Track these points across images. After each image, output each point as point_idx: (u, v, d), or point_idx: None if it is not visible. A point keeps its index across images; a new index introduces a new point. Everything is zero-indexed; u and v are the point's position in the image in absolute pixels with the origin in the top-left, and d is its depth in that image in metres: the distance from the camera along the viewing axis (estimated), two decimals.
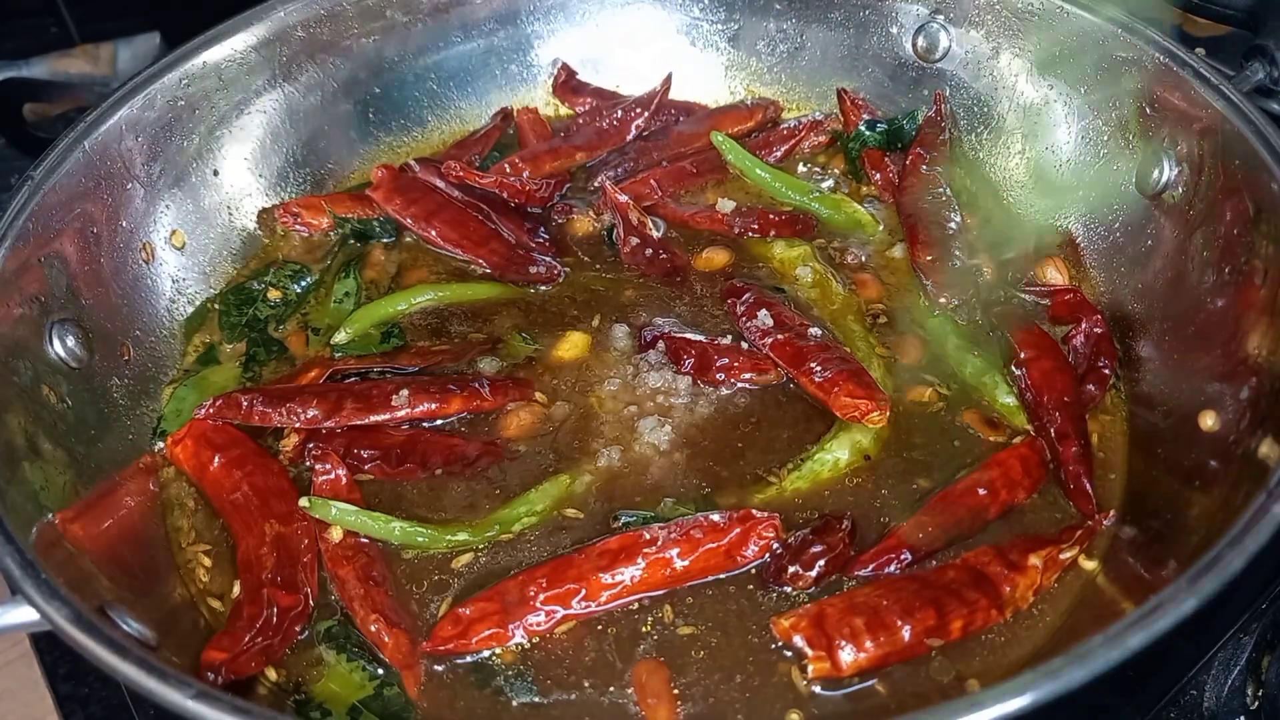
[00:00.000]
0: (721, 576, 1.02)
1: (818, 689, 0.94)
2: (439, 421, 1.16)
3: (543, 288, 1.30)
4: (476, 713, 0.95)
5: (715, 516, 1.01)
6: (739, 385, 1.17)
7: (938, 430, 1.14)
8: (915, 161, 1.38)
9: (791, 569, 1.00)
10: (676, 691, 0.95)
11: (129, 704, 1.08)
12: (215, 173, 1.35)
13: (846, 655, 0.93)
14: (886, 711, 0.93)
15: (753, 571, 1.02)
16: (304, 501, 1.05)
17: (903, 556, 1.01)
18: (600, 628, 0.99)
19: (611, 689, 0.95)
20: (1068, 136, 1.32)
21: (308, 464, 1.11)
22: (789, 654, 0.96)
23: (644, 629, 0.99)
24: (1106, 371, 1.17)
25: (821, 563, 1.00)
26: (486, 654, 0.98)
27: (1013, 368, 1.17)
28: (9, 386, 1.03)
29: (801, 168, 1.46)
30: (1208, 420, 1.03)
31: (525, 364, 1.22)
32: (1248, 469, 0.94)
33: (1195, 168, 1.15)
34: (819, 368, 1.13)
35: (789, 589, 1.00)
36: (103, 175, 1.20)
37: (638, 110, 1.49)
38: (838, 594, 0.99)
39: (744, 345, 1.20)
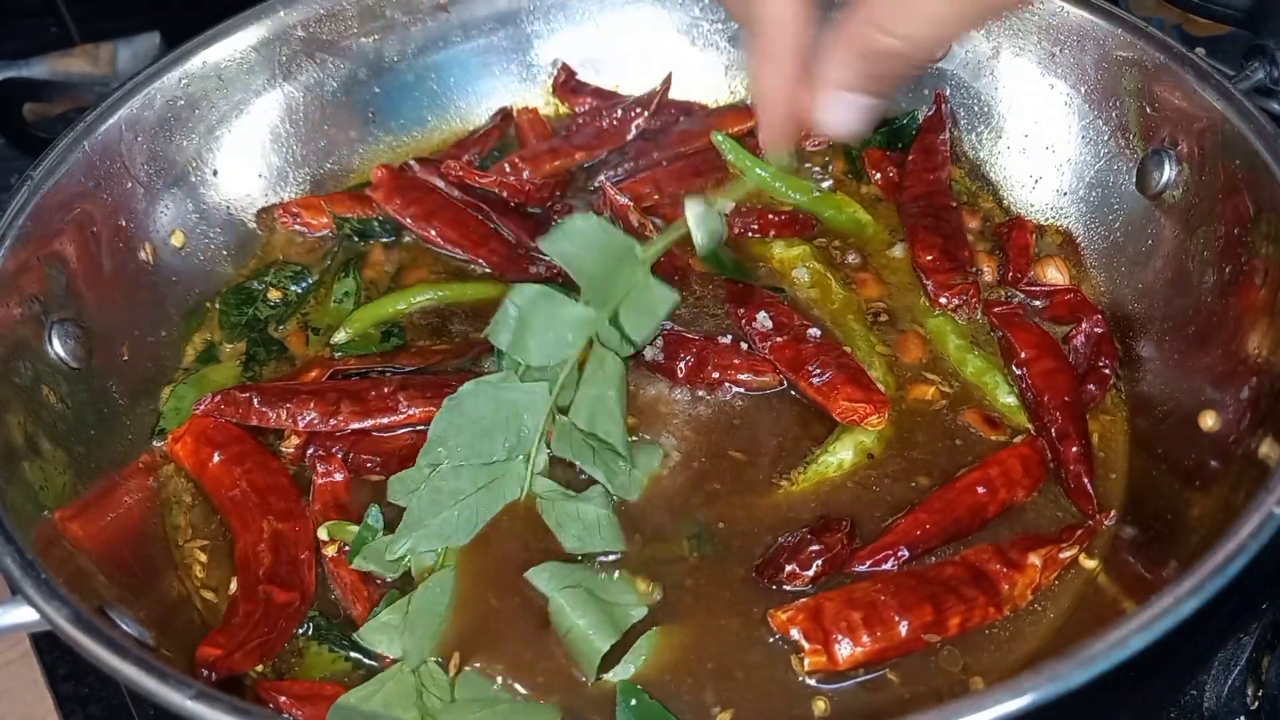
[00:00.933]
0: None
1: (812, 681, 0.95)
2: None
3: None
4: None
5: None
6: (738, 390, 1.17)
7: (939, 429, 1.14)
8: (915, 161, 1.38)
9: (789, 567, 1.00)
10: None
11: (129, 704, 1.08)
12: (215, 173, 1.35)
13: (843, 650, 0.94)
14: (900, 700, 0.94)
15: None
16: (323, 532, 1.05)
17: (900, 553, 1.02)
18: None
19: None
20: (1068, 136, 1.32)
21: (307, 466, 1.12)
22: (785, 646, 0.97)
23: None
24: (1107, 371, 1.17)
25: (819, 562, 1.00)
26: None
27: (1013, 367, 1.18)
28: (9, 386, 1.03)
29: (802, 167, 1.46)
30: (1208, 420, 1.03)
31: None
32: (1248, 469, 0.94)
33: (1195, 168, 1.15)
34: (817, 370, 1.13)
35: (786, 587, 1.00)
36: (103, 175, 1.20)
37: (638, 110, 1.49)
38: (836, 588, 0.99)
39: (743, 346, 1.20)
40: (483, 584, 1.00)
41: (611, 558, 1.03)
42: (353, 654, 0.99)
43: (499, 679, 0.94)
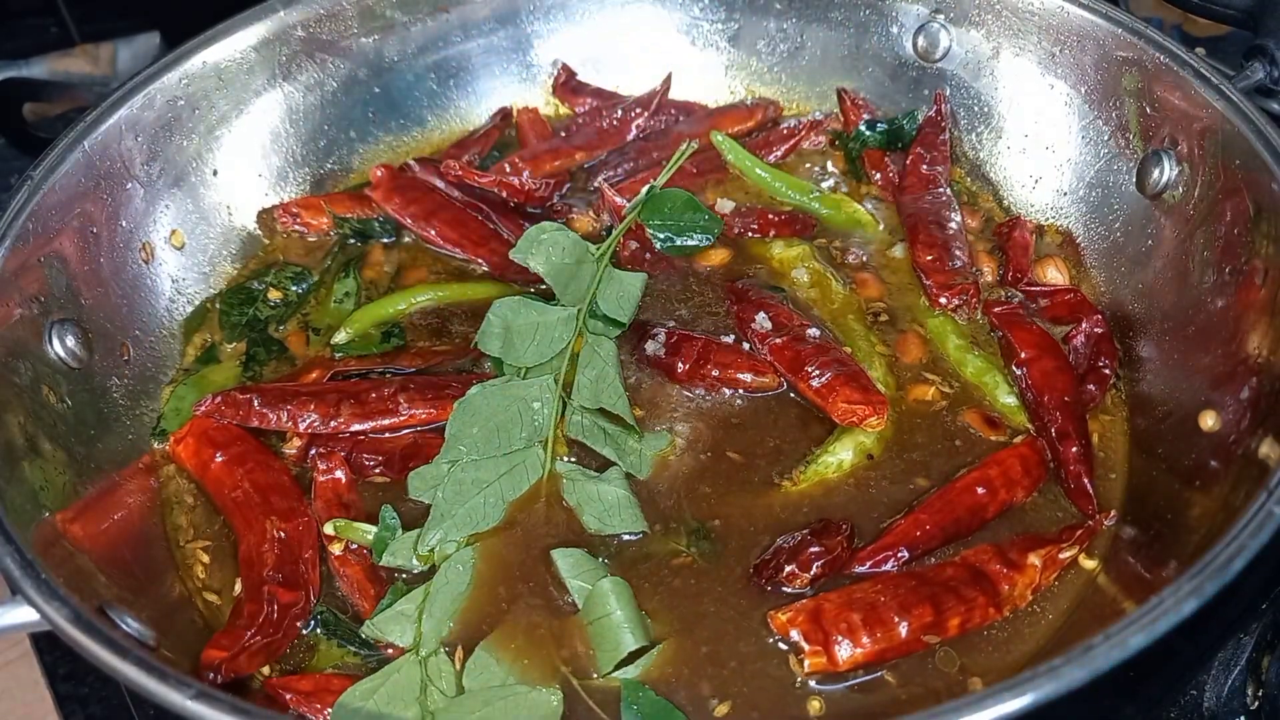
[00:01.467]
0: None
1: (809, 681, 0.95)
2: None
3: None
4: None
5: None
6: (738, 391, 1.17)
7: (939, 430, 1.14)
8: (915, 161, 1.38)
9: (788, 568, 1.00)
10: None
11: (129, 704, 1.08)
12: (215, 173, 1.35)
13: (843, 651, 0.94)
14: (896, 701, 0.94)
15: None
16: (329, 527, 1.05)
17: (900, 554, 1.02)
18: None
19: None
20: (1068, 136, 1.32)
21: (309, 467, 1.12)
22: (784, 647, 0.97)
23: None
24: (1107, 371, 1.17)
25: (819, 564, 1.00)
26: None
27: (1013, 367, 1.18)
28: (9, 386, 1.03)
29: (802, 167, 1.46)
30: (1208, 420, 1.03)
31: None
32: (1248, 469, 0.94)
33: (1195, 168, 1.15)
34: (817, 372, 1.13)
35: (785, 588, 1.00)
36: (102, 175, 1.20)
37: (638, 110, 1.49)
38: (836, 589, 0.99)
39: (745, 346, 1.20)
40: (495, 573, 1.02)
41: (629, 538, 1.05)
42: (363, 650, 0.99)
43: (505, 665, 0.95)
